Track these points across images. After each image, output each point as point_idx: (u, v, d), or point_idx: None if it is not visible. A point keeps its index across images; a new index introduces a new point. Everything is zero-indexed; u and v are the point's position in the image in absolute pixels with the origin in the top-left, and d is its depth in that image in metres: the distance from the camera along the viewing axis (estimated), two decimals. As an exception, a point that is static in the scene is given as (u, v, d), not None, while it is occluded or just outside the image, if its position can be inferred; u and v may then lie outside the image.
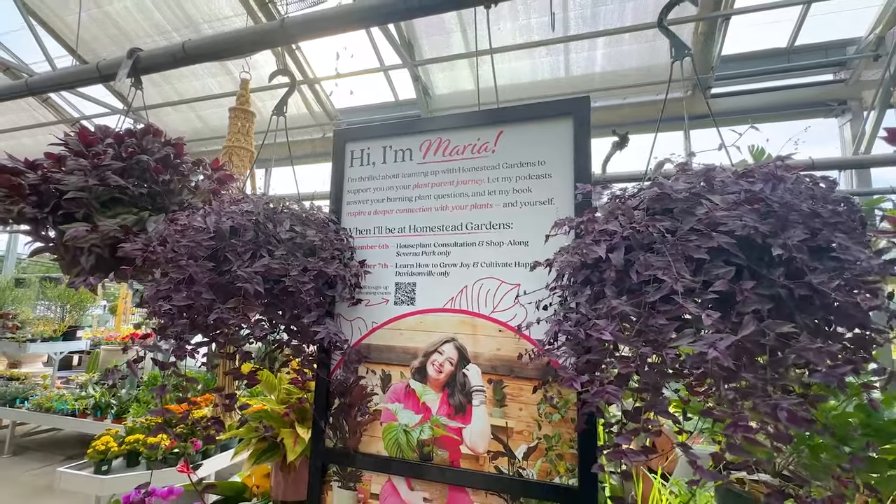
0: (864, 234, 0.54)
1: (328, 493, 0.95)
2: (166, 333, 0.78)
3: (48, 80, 1.37)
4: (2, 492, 3.92)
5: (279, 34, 1.04)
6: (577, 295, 0.64)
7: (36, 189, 0.97)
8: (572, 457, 0.79)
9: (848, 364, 0.47)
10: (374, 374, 0.95)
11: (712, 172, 0.58)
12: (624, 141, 1.43)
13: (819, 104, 3.88)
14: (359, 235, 1.02)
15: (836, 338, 0.55)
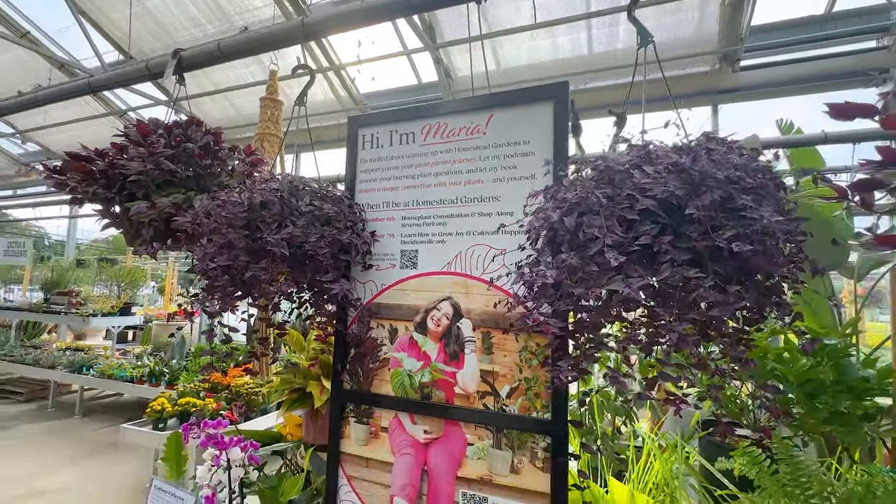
0: (781, 197, 0.64)
1: (347, 428, 1.13)
2: (213, 288, 0.96)
3: (107, 80, 1.57)
4: (75, 446, 4.45)
5: (298, 32, 1.19)
6: (541, 253, 0.76)
7: (105, 174, 1.17)
8: (547, 395, 0.93)
9: (739, 301, 0.58)
10: (382, 328, 1.12)
11: (650, 147, 0.69)
12: (622, 120, 1.51)
13: (857, 74, 3.70)
14: (370, 209, 1.17)
15: (753, 285, 0.65)
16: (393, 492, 1.05)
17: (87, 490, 3.58)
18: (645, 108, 1.04)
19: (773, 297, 0.66)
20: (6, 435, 4.74)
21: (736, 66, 3.99)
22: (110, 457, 4.20)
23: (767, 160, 0.68)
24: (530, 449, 0.94)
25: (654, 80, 1.10)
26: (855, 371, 1.12)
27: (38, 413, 5.52)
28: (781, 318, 0.69)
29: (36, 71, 5.92)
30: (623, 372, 0.74)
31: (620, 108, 1.34)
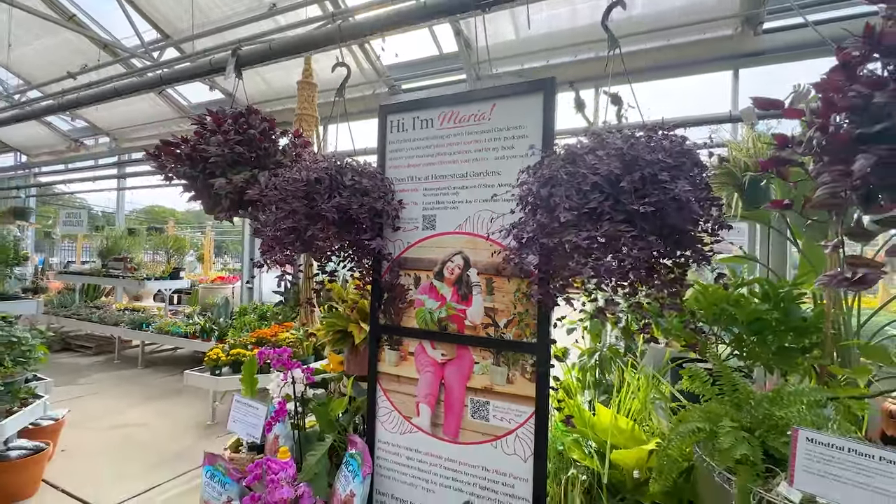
0: (695, 173, 0.88)
1: (382, 353, 1.46)
2: (282, 245, 1.27)
3: (175, 74, 1.87)
4: (144, 391, 5.11)
5: (335, 34, 1.44)
6: (526, 215, 1.03)
7: (190, 157, 1.48)
8: (534, 325, 1.21)
9: (654, 246, 0.84)
10: (409, 276, 1.42)
11: (604, 135, 0.93)
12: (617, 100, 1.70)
13: (884, 34, 3.62)
14: (397, 182, 1.45)
15: (671, 237, 0.91)
16: (418, 399, 1.38)
17: (158, 424, 4.18)
18: (663, 75, 1.25)
19: (688, 245, 0.91)
20: (85, 381, 5.46)
21: (758, 28, 3.97)
22: (174, 400, 4.83)
23: (695, 142, 0.92)
24: (521, 365, 1.24)
25: (673, 47, 1.30)
26: (797, 314, 1.36)
27: (107, 364, 6.26)
28: (698, 262, 0.94)
29: (83, 52, 6.31)
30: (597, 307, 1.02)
31: (616, 91, 1.55)
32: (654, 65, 4.10)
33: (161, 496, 3.01)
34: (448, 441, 1.33)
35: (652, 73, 4.28)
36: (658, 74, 4.19)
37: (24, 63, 7.19)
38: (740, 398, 1.17)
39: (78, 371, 5.87)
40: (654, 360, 1.81)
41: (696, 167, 0.90)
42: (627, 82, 2.56)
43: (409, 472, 1.39)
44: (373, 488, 1.44)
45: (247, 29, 5.34)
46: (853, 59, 0.81)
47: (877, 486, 0.83)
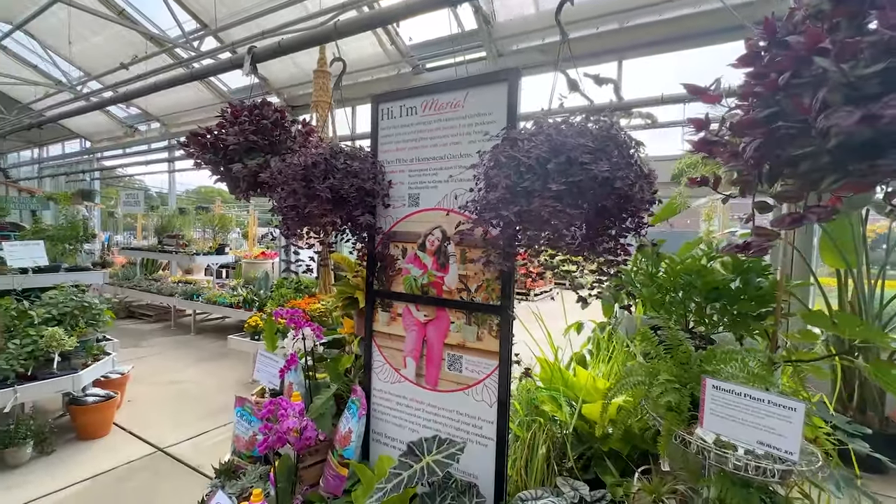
0: (614, 154, 1.01)
1: (376, 314, 1.68)
2: (286, 220, 1.50)
3: (204, 70, 2.12)
4: (195, 353, 5.71)
5: (332, 33, 1.61)
6: (481, 192, 1.19)
7: (213, 145, 1.73)
8: (498, 290, 1.39)
9: (574, 219, 0.98)
10: (397, 248, 1.62)
11: (543, 122, 1.07)
12: (601, 82, 1.79)
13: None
14: (388, 164, 1.64)
15: (595, 210, 1.05)
16: (405, 354, 1.60)
17: (207, 382, 4.71)
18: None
19: (616, 218, 1.05)
20: (147, 344, 6.15)
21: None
22: (220, 362, 5.37)
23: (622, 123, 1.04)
24: (488, 324, 1.42)
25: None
26: (754, 283, 1.45)
27: (165, 330, 6.97)
28: (636, 233, 1.08)
29: (132, 44, 6.80)
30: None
31: (597, 72, 1.66)
32: (669, 35, 3.99)
33: (209, 441, 3.46)
34: (429, 389, 1.54)
35: (675, 43, 4.16)
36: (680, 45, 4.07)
37: (84, 56, 7.82)
38: (682, 357, 1.31)
39: (141, 335, 6.59)
40: (628, 326, 1.93)
41: (618, 149, 1.02)
42: (649, 54, 2.57)
43: (397, 415, 1.63)
44: (368, 428, 1.69)
45: (279, 15, 5.59)
46: (756, 49, 0.91)
47: (765, 424, 0.96)
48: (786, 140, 0.81)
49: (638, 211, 1.09)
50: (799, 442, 0.92)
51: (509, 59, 5.19)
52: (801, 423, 0.91)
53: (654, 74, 4.91)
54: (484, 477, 1.42)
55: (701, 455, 1.09)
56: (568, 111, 1.57)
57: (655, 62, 4.57)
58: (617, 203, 1.04)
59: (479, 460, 1.43)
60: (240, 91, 7.63)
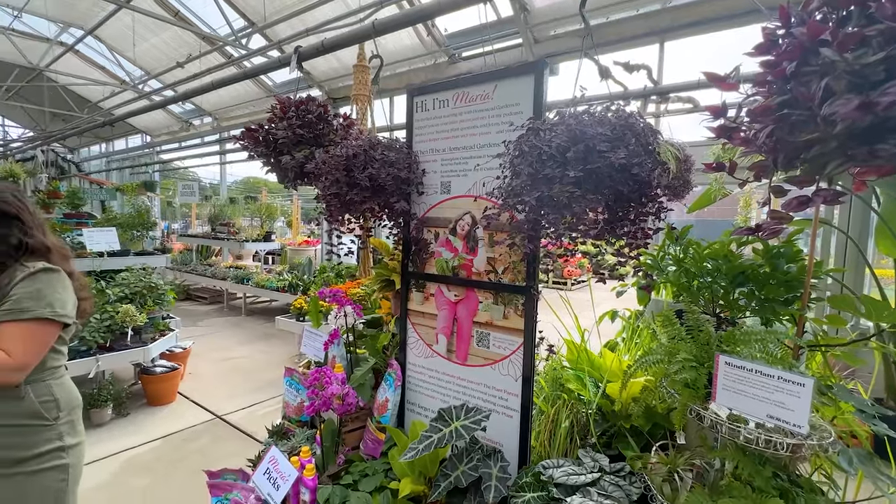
0: (631, 143, 1.08)
1: (411, 294, 1.81)
2: (329, 208, 1.65)
3: (259, 69, 2.30)
4: (246, 333, 6.15)
5: (370, 31, 1.73)
6: (507, 178, 1.28)
7: (265, 139, 1.90)
8: (524, 270, 1.48)
9: (592, 203, 1.06)
10: (430, 232, 1.73)
11: (562, 113, 1.14)
12: (631, 69, 1.82)
13: None
14: (422, 154, 1.75)
15: (614, 196, 1.11)
16: (437, 331, 1.73)
17: (257, 359, 5.08)
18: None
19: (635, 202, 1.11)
20: (203, 324, 6.66)
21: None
22: (269, 341, 5.76)
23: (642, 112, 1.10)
24: (514, 304, 1.51)
25: None
26: (782, 267, 1.46)
27: (219, 311, 7.51)
28: (647, 218, 1.14)
29: (187, 43, 7.26)
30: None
31: (627, 59, 1.69)
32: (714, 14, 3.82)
33: (260, 411, 3.77)
34: (459, 364, 1.66)
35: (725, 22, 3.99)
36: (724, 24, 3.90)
37: (145, 57, 8.41)
38: (702, 338, 1.35)
39: (197, 316, 7.13)
40: (655, 311, 1.96)
41: (636, 137, 1.08)
42: (691, 35, 2.54)
43: (430, 387, 1.76)
44: (403, 398, 1.84)
45: (320, 11, 5.79)
46: (772, 37, 0.94)
47: (775, 399, 1.01)
48: (796, 126, 0.85)
49: (657, 196, 1.14)
50: (807, 416, 0.96)
51: (546, 45, 5.15)
52: (810, 398, 0.95)
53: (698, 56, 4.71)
54: (508, 445, 1.53)
55: (714, 429, 1.15)
56: (599, 99, 1.62)
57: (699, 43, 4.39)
58: (635, 189, 1.10)
59: (504, 430, 1.55)
60: (284, 85, 7.97)
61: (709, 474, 1.25)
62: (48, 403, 1.43)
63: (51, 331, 1.39)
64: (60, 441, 1.46)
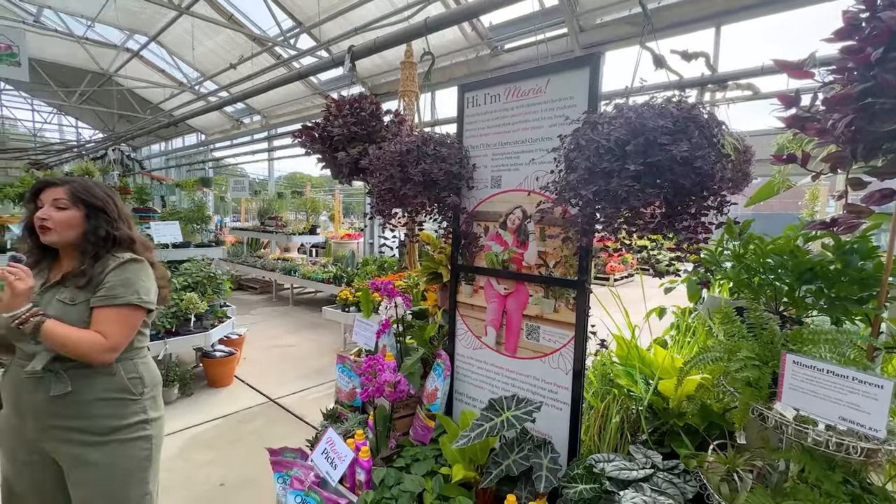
0: (694, 136, 1.05)
1: (460, 287, 1.85)
2: (383, 202, 1.71)
3: (310, 69, 2.40)
4: (294, 322, 6.43)
5: (422, 29, 1.76)
6: (562, 173, 1.29)
7: (321, 137, 1.99)
8: (576, 264, 1.48)
9: (652, 197, 1.05)
10: (480, 226, 1.76)
11: (620, 106, 1.13)
12: (689, 57, 1.75)
13: None
14: (472, 149, 1.77)
15: (675, 190, 1.10)
16: (486, 323, 1.76)
17: (305, 347, 5.32)
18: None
19: (696, 195, 1.09)
20: (254, 312, 7.03)
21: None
22: (315, 330, 6.00)
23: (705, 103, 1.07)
24: (565, 298, 1.52)
25: None
26: (855, 264, 1.38)
27: (268, 301, 7.89)
28: (707, 213, 1.12)
29: (239, 45, 7.61)
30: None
31: (685, 48, 1.65)
32: None
33: (309, 396, 3.95)
34: (508, 356, 1.69)
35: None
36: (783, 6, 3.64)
37: (201, 59, 8.88)
38: (766, 337, 1.30)
39: (249, 305, 7.53)
40: (711, 307, 1.89)
41: (699, 129, 1.06)
42: (749, 17, 2.43)
43: (478, 378, 1.80)
44: (452, 388, 1.88)
45: (365, 9, 5.90)
46: (854, 22, 0.89)
47: (848, 400, 0.97)
48: (879, 116, 0.81)
49: (720, 190, 1.11)
50: (885, 419, 0.92)
51: (592, 33, 5.01)
52: (888, 401, 0.91)
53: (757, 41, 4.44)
54: (558, 437, 1.54)
55: (778, 429, 1.12)
56: (654, 88, 1.58)
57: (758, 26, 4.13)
58: (697, 182, 1.08)
59: (554, 422, 1.56)
60: (329, 83, 8.20)
61: (771, 476, 1.21)
62: (135, 380, 1.59)
63: (138, 315, 1.54)
64: (145, 414, 1.61)
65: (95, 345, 1.42)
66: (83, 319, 1.45)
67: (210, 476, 2.76)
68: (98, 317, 1.46)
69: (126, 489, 1.56)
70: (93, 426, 1.50)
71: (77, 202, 1.51)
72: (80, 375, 1.47)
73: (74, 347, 1.40)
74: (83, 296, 1.47)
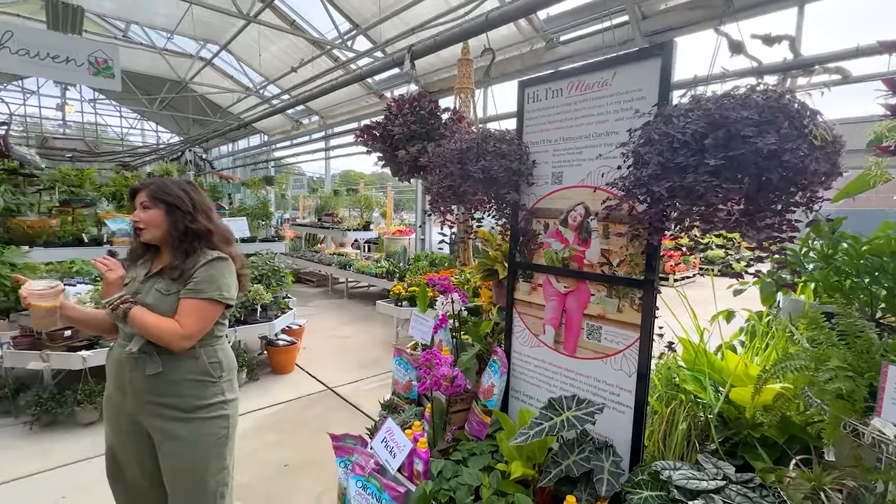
0: (783, 128, 0.98)
1: (517, 284, 1.84)
2: (443, 198, 1.73)
3: (370, 71, 2.47)
4: (349, 314, 6.69)
5: (483, 25, 1.76)
6: (631, 168, 1.24)
7: (382, 136, 2.05)
8: (642, 263, 1.42)
9: (730, 193, 0.99)
10: (539, 223, 1.74)
11: (697, 97, 1.07)
12: (771, 41, 1.62)
13: None
14: (532, 145, 1.75)
15: (760, 187, 1.03)
16: (544, 321, 1.74)
17: (359, 339, 5.51)
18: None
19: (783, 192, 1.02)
20: (312, 304, 7.38)
21: None
22: (369, 322, 6.20)
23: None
24: (630, 298, 1.47)
25: None
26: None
27: (324, 294, 8.25)
28: (795, 210, 1.04)
29: (300, 49, 7.98)
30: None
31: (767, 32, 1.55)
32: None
33: (365, 386, 4.10)
34: (567, 355, 1.66)
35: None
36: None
37: (265, 65, 9.41)
38: (862, 345, 1.19)
39: (307, 297, 7.91)
40: (793, 311, 1.75)
41: (789, 120, 0.98)
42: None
43: (535, 376, 1.78)
44: (508, 385, 1.88)
45: (420, 8, 5.97)
46: None
47: (966, 421, 0.86)
48: None
49: (811, 185, 1.03)
50: None
51: (655, 20, 4.76)
52: None
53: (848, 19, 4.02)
54: (619, 441, 1.50)
55: (877, 447, 1.02)
56: (729, 76, 1.49)
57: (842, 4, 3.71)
58: (785, 177, 1.01)
59: (615, 425, 1.52)
60: (383, 82, 8.39)
61: (865, 498, 1.11)
62: (214, 364, 1.73)
63: (216, 309, 1.67)
64: (223, 396, 1.75)
65: (173, 332, 1.56)
66: (174, 309, 1.60)
67: (275, 456, 2.95)
68: (182, 307, 1.61)
69: (206, 462, 1.70)
70: (181, 403, 1.65)
71: (157, 201, 1.66)
72: (169, 358, 1.63)
73: (155, 333, 1.55)
74: (175, 287, 1.62)
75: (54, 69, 4.86)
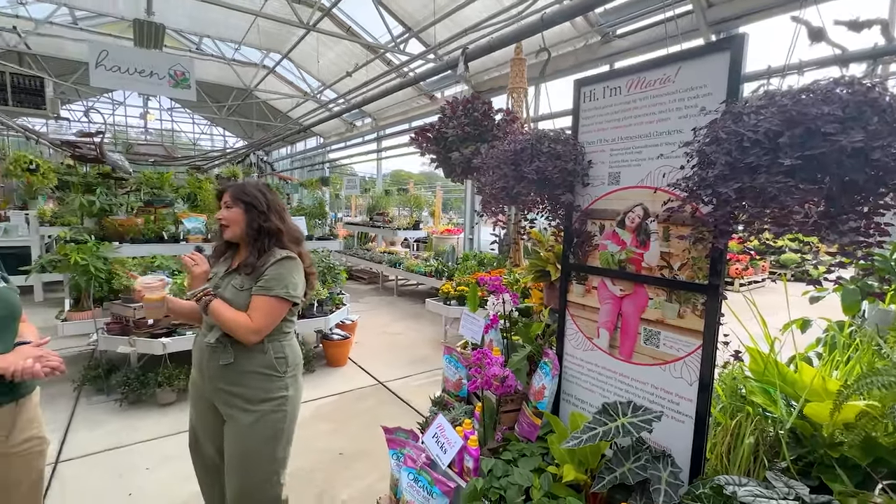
0: (872, 122, 0.91)
1: (570, 287, 1.82)
2: (496, 199, 1.74)
3: (423, 74, 2.53)
4: (399, 312, 6.85)
5: (538, 25, 1.75)
6: (695, 168, 1.20)
7: (435, 137, 2.09)
8: (706, 267, 1.36)
9: (807, 195, 0.93)
10: (594, 224, 1.71)
11: (771, 92, 1.01)
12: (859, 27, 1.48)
13: None
14: (588, 145, 1.72)
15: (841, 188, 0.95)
16: (598, 325, 1.70)
17: (408, 336, 5.63)
18: None
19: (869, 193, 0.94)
20: (363, 300, 7.63)
21: None
22: (418, 320, 6.32)
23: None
24: (692, 302, 1.41)
25: None
26: None
27: (375, 291, 8.50)
28: (885, 212, 0.95)
29: (355, 54, 8.26)
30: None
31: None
32: None
33: (414, 382, 4.19)
34: (622, 360, 1.62)
35: None
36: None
37: (322, 70, 9.84)
38: (966, 362, 1.07)
39: (359, 294, 8.19)
40: (881, 321, 1.59)
41: (879, 115, 0.90)
42: None
43: (588, 380, 1.75)
44: (560, 388, 1.86)
45: (471, 9, 6.00)
46: None
47: None
48: None
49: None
50: None
51: (722, 8, 4.48)
52: None
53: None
54: (678, 451, 1.44)
55: (982, 477, 0.91)
56: (807, 65, 1.38)
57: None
58: (873, 177, 0.93)
59: (674, 435, 1.46)
60: (432, 84, 8.50)
61: (967, 532, 1.00)
62: (280, 359, 1.84)
63: (283, 307, 1.78)
64: (286, 391, 1.86)
65: (244, 326, 1.69)
66: (248, 304, 1.73)
67: (330, 445, 3.10)
68: (253, 302, 1.74)
69: (259, 451, 1.81)
70: (247, 394, 1.78)
71: (237, 201, 1.80)
72: (241, 350, 1.76)
73: (230, 325, 1.68)
74: (249, 283, 1.75)
75: (140, 83, 5.38)
